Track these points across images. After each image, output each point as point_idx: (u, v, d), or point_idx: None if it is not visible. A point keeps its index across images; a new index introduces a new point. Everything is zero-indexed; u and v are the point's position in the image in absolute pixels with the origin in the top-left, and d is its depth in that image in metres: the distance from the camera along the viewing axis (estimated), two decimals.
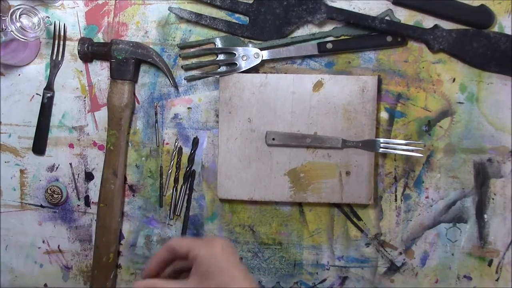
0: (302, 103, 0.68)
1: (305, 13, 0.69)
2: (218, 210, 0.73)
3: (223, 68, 0.70)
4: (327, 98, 0.68)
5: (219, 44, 0.71)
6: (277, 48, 0.70)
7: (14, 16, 0.64)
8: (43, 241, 0.76)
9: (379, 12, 0.68)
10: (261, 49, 0.69)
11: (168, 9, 0.71)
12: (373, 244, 0.71)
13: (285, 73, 0.70)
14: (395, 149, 0.67)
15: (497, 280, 0.69)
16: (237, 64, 0.69)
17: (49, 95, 0.74)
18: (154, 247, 0.74)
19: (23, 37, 0.65)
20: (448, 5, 0.67)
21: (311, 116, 0.68)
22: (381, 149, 0.67)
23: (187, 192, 0.73)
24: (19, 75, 0.75)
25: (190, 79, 0.72)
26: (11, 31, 0.64)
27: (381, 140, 0.67)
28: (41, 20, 0.67)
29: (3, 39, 0.66)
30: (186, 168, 0.72)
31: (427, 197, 0.69)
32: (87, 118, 0.74)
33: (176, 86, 0.72)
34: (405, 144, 0.67)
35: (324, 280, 0.72)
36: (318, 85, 0.68)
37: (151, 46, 0.72)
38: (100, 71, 0.74)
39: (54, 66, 0.74)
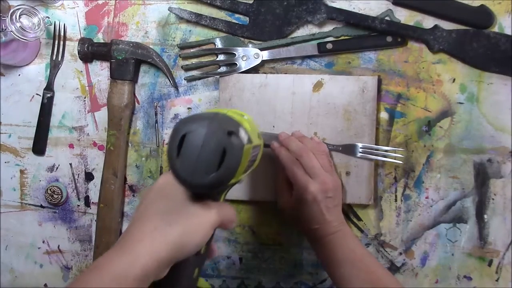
0: (302, 104, 0.68)
1: (305, 13, 0.69)
2: None
3: (223, 69, 0.70)
4: (327, 99, 0.68)
5: (219, 44, 0.71)
6: (277, 48, 0.70)
7: (14, 16, 0.64)
8: (43, 242, 0.76)
9: (379, 12, 0.68)
10: (261, 49, 0.69)
11: (168, 9, 0.71)
12: (373, 245, 0.71)
13: (285, 73, 0.70)
14: (374, 154, 0.67)
15: (497, 280, 0.69)
16: (237, 65, 0.69)
17: (49, 95, 0.74)
18: None
19: (23, 37, 0.65)
20: (448, 5, 0.67)
21: (311, 116, 0.68)
22: (360, 154, 0.67)
23: None
24: (19, 75, 0.75)
25: (190, 79, 0.72)
26: (11, 31, 0.64)
27: (360, 145, 0.67)
28: (41, 20, 0.67)
29: (3, 39, 0.66)
30: None
31: (427, 197, 0.69)
32: (87, 118, 0.74)
33: (176, 86, 0.72)
34: (385, 150, 0.67)
35: (324, 280, 0.72)
36: (318, 86, 0.68)
37: (151, 46, 0.72)
38: (100, 71, 0.74)
39: (54, 66, 0.74)
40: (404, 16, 0.68)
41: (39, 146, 0.75)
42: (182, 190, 0.44)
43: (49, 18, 0.69)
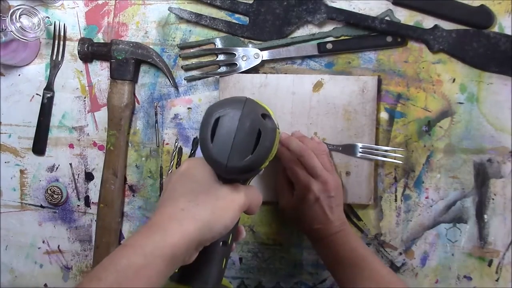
0: (302, 104, 0.68)
1: (305, 13, 0.69)
2: None
3: (223, 69, 0.70)
4: (327, 99, 0.68)
5: (219, 44, 0.71)
6: (277, 48, 0.70)
7: (14, 16, 0.64)
8: (43, 241, 0.76)
9: (379, 12, 0.68)
10: (261, 49, 0.69)
11: (168, 9, 0.71)
12: (373, 244, 0.71)
13: (285, 73, 0.70)
14: (374, 154, 0.67)
15: (497, 280, 0.69)
16: (237, 65, 0.69)
17: (49, 95, 0.74)
18: None
19: (23, 37, 0.65)
20: (448, 5, 0.67)
21: (311, 116, 0.68)
22: (360, 154, 0.67)
23: None
24: (19, 75, 0.75)
25: (190, 80, 0.72)
26: (11, 31, 0.64)
27: (360, 145, 0.67)
28: (41, 20, 0.67)
29: (3, 39, 0.66)
30: None
31: (427, 198, 0.69)
32: (87, 118, 0.74)
33: (176, 86, 0.72)
34: (385, 150, 0.67)
35: (324, 280, 0.72)
36: (318, 86, 0.68)
37: (151, 46, 0.72)
38: (100, 71, 0.74)
39: (54, 66, 0.74)
40: (404, 16, 0.68)
41: (39, 146, 0.75)
42: (209, 172, 0.44)
43: (49, 18, 0.69)
